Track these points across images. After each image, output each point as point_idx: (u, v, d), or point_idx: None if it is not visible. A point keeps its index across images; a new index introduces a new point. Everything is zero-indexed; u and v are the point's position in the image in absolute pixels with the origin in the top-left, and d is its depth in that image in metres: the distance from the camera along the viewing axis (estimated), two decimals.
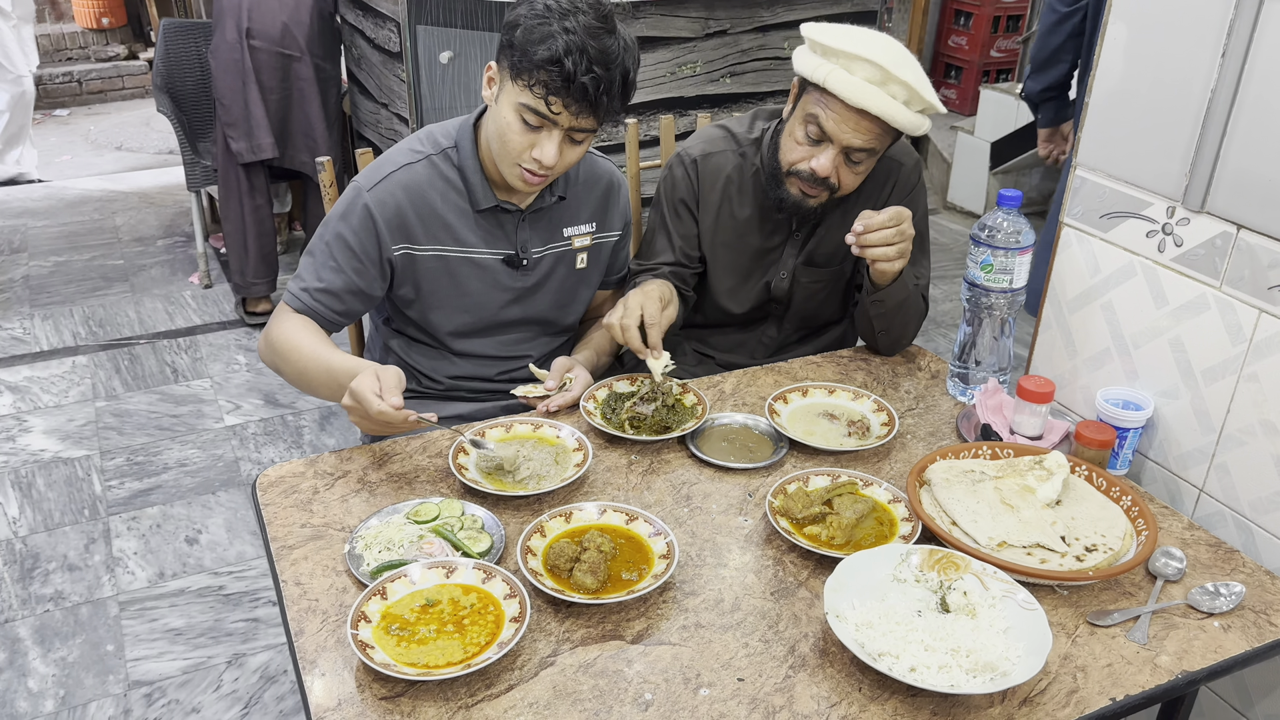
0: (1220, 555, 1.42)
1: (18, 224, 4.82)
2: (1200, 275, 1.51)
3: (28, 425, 3.24)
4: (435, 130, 1.77)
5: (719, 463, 1.57)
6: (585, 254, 1.86)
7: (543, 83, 1.54)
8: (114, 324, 3.90)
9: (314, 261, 1.73)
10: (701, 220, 1.95)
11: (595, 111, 1.58)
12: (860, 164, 1.77)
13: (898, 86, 1.68)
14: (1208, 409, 1.54)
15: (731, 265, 1.97)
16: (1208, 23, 1.44)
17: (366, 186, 1.70)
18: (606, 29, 1.56)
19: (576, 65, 1.52)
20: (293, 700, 2.25)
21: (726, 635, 1.25)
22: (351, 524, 1.43)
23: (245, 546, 2.72)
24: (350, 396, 1.49)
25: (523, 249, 1.78)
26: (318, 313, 1.72)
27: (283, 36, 3.60)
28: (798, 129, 1.78)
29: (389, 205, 1.69)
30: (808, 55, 1.75)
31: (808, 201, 1.82)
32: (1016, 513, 1.41)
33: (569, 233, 1.83)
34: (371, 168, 1.73)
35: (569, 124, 1.59)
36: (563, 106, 1.56)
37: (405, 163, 1.72)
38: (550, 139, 1.60)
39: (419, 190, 1.71)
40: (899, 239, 1.71)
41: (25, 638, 2.39)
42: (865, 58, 1.66)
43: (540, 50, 1.53)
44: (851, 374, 1.88)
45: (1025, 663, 1.16)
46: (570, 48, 1.52)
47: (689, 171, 1.93)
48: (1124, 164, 1.61)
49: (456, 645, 1.19)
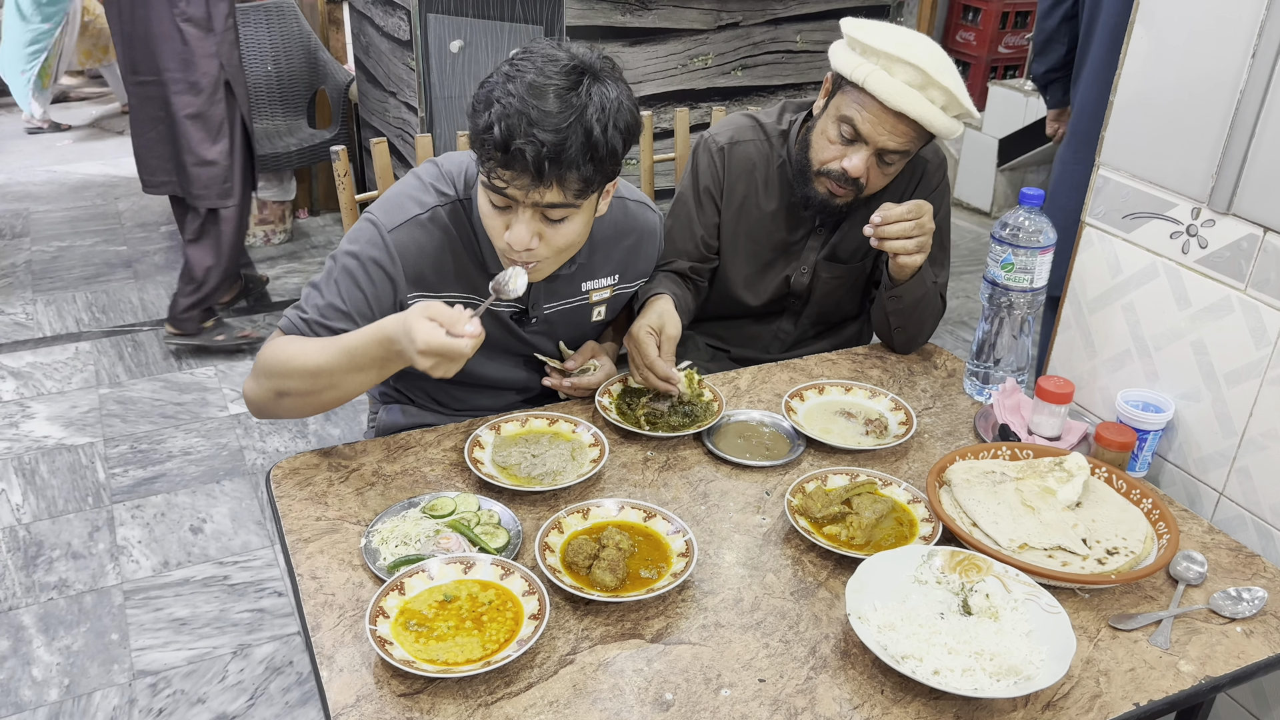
0: (1241, 559, 1.41)
1: (20, 208, 4.80)
2: (1225, 277, 1.50)
3: (31, 411, 3.22)
4: (452, 170, 1.60)
5: (736, 460, 1.56)
6: (603, 306, 1.75)
7: (486, 156, 1.38)
8: (117, 310, 3.89)
9: (320, 291, 1.54)
10: (724, 209, 1.92)
11: (544, 181, 1.36)
12: (892, 165, 1.76)
13: (937, 91, 1.66)
14: (1229, 412, 1.53)
15: (751, 256, 1.95)
16: (1238, 24, 1.43)
17: (388, 226, 1.53)
18: (565, 86, 1.36)
19: (512, 130, 1.33)
20: (298, 692, 2.24)
21: (747, 635, 1.24)
22: (367, 517, 1.41)
23: (250, 536, 2.71)
24: (428, 354, 1.30)
25: (534, 306, 1.65)
26: (324, 330, 1.52)
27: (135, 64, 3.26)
28: (830, 128, 1.76)
29: (410, 252, 1.54)
30: (846, 52, 1.72)
31: (834, 200, 1.80)
32: (1037, 514, 1.40)
33: (588, 287, 1.70)
34: (392, 206, 1.56)
35: (530, 199, 1.39)
36: (506, 181, 1.38)
37: (430, 206, 1.55)
38: (519, 219, 1.42)
39: (440, 240, 1.56)
40: (918, 232, 1.69)
41: (29, 626, 2.38)
42: (907, 60, 1.64)
43: (479, 119, 1.38)
44: (867, 371, 1.87)
45: (1049, 667, 1.15)
46: (506, 113, 1.34)
47: (715, 159, 1.90)
48: (1148, 164, 1.59)
49: (475, 642, 1.18)
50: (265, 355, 1.50)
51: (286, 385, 1.48)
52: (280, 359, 1.48)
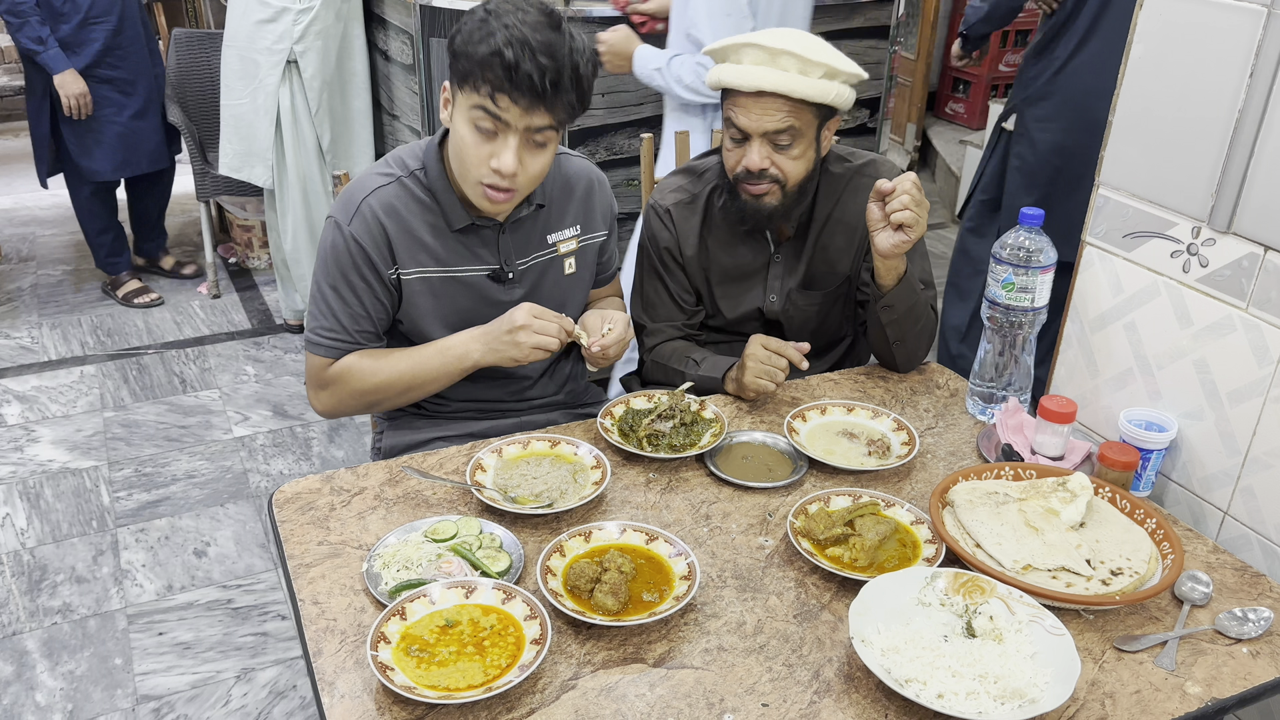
0: (1246, 580, 1.41)
1: (26, 232, 4.82)
2: (1226, 296, 1.50)
3: (35, 435, 3.22)
4: (402, 153, 1.72)
5: (738, 482, 1.56)
6: (572, 258, 1.84)
7: (488, 80, 1.50)
8: (122, 334, 3.90)
9: (329, 308, 1.69)
10: (688, 265, 1.96)
11: (545, 103, 1.52)
12: (791, 146, 1.77)
13: (786, 59, 1.70)
14: (1233, 431, 1.53)
15: (725, 293, 1.99)
16: (1235, 43, 1.43)
17: (345, 221, 1.65)
18: (550, 24, 1.52)
19: (519, 55, 1.48)
20: (301, 716, 2.23)
21: (750, 659, 1.24)
22: (369, 542, 1.41)
23: (254, 559, 2.71)
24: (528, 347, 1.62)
25: (506, 262, 1.75)
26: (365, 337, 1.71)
27: None
28: (726, 137, 1.83)
29: (373, 231, 1.65)
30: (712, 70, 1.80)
31: (762, 202, 1.82)
32: (1041, 535, 1.40)
33: (553, 239, 1.80)
34: (344, 199, 1.68)
35: (522, 123, 1.53)
36: (510, 102, 1.51)
37: (376, 186, 1.67)
38: (506, 145, 1.55)
39: (395, 212, 1.67)
40: (915, 205, 1.70)
41: (33, 650, 2.38)
42: (747, 43, 1.72)
43: (480, 48, 1.49)
44: (869, 391, 1.86)
45: (1054, 689, 1.15)
46: (510, 40, 1.48)
47: (664, 219, 1.95)
48: (1148, 184, 1.60)
49: (477, 667, 1.18)
50: (348, 378, 1.70)
51: (378, 398, 1.72)
52: (369, 383, 1.70)
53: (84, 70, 3.67)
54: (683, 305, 1.99)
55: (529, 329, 1.62)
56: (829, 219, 1.91)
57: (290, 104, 3.62)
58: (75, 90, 3.62)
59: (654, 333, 1.99)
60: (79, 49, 3.65)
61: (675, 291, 1.97)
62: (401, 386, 1.70)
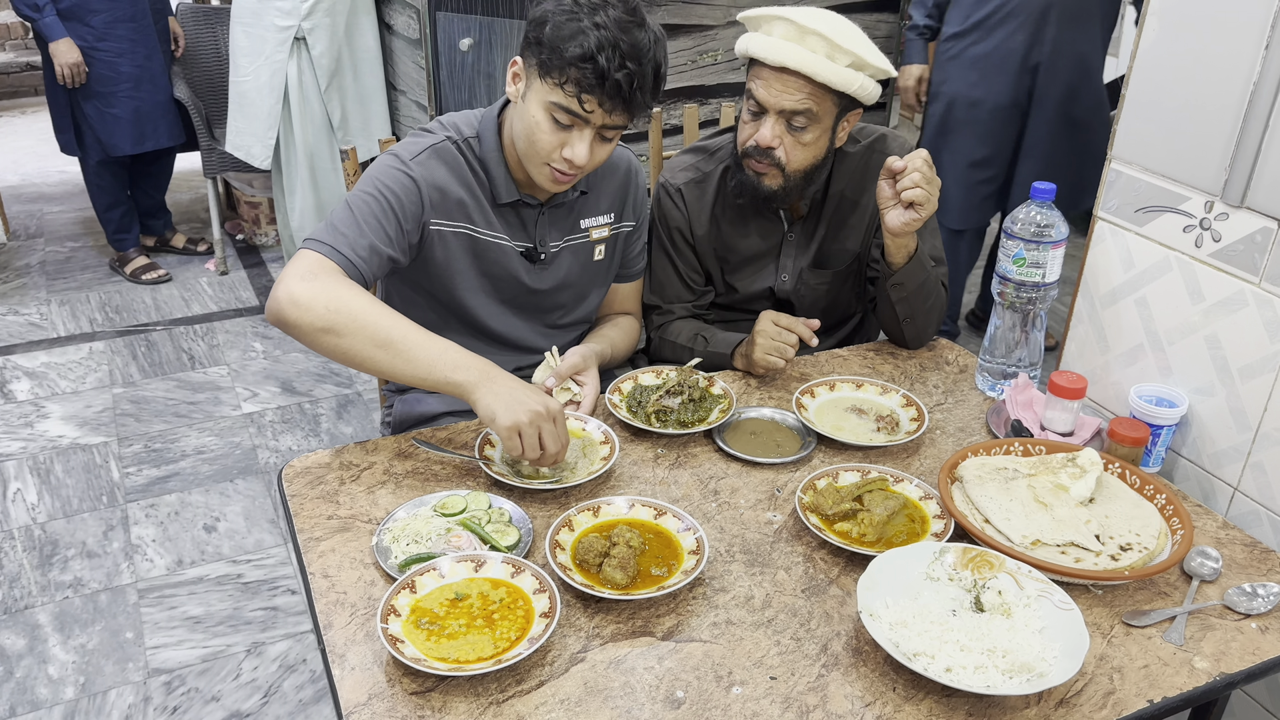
0: (1256, 555, 1.40)
1: (34, 209, 4.83)
2: (1239, 271, 1.49)
3: (45, 411, 3.24)
4: (457, 118, 1.73)
5: (747, 457, 1.56)
6: (603, 245, 1.84)
7: (575, 80, 1.50)
8: (130, 310, 3.90)
9: (354, 219, 1.58)
10: (699, 245, 1.96)
11: (629, 108, 1.54)
12: (804, 130, 1.75)
13: (815, 39, 1.68)
14: (1244, 406, 1.52)
15: (736, 272, 1.99)
16: (1250, 15, 1.41)
17: (408, 156, 1.65)
18: (636, 22, 1.52)
19: (610, 61, 1.48)
20: (311, 690, 2.25)
21: (758, 633, 1.24)
22: (378, 516, 1.42)
23: (263, 535, 2.72)
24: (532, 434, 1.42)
25: (540, 243, 1.75)
26: (360, 274, 1.56)
27: None
28: (743, 110, 1.81)
29: (434, 177, 1.65)
30: (741, 36, 1.78)
31: (762, 181, 1.80)
32: (1050, 511, 1.39)
33: (586, 224, 1.81)
34: (408, 142, 1.69)
35: (601, 121, 1.55)
36: (596, 105, 1.52)
37: (441, 138, 1.68)
38: (582, 138, 1.56)
39: (455, 167, 1.68)
40: (926, 183, 1.69)
41: (45, 624, 2.40)
42: (780, 16, 1.70)
43: (571, 47, 1.49)
44: (878, 367, 1.86)
45: (1062, 664, 1.15)
46: (603, 43, 1.48)
47: (675, 199, 1.94)
48: (1161, 158, 1.58)
49: (486, 640, 1.18)
50: (340, 280, 1.50)
51: (342, 333, 1.47)
52: (351, 307, 1.47)
53: (95, 42, 3.65)
54: (692, 285, 1.98)
55: (546, 424, 1.43)
56: (841, 197, 1.90)
57: (299, 81, 3.61)
58: (69, 60, 3.60)
59: (664, 312, 1.99)
60: (84, 19, 3.63)
61: (684, 272, 1.97)
62: (380, 335, 1.46)
